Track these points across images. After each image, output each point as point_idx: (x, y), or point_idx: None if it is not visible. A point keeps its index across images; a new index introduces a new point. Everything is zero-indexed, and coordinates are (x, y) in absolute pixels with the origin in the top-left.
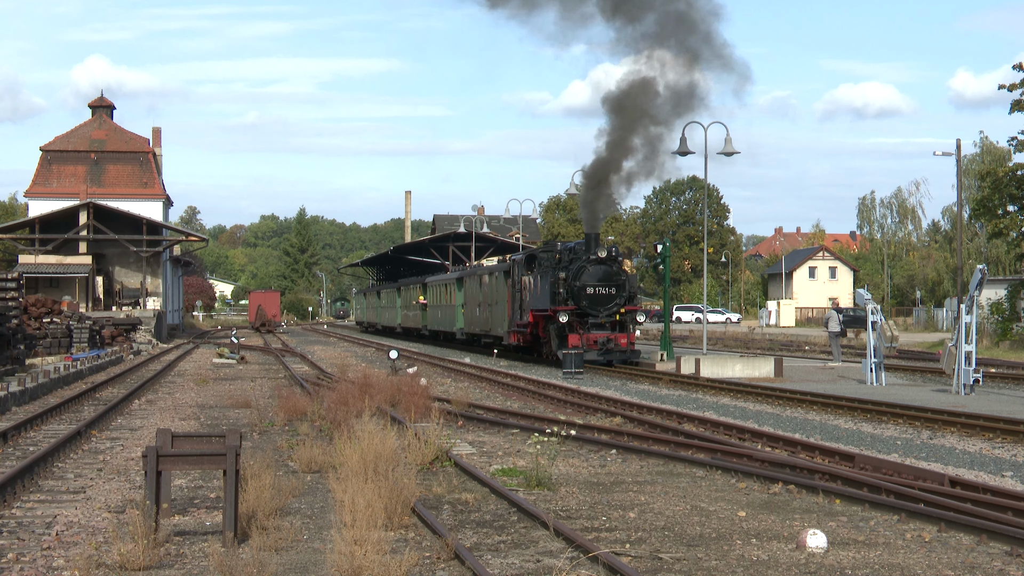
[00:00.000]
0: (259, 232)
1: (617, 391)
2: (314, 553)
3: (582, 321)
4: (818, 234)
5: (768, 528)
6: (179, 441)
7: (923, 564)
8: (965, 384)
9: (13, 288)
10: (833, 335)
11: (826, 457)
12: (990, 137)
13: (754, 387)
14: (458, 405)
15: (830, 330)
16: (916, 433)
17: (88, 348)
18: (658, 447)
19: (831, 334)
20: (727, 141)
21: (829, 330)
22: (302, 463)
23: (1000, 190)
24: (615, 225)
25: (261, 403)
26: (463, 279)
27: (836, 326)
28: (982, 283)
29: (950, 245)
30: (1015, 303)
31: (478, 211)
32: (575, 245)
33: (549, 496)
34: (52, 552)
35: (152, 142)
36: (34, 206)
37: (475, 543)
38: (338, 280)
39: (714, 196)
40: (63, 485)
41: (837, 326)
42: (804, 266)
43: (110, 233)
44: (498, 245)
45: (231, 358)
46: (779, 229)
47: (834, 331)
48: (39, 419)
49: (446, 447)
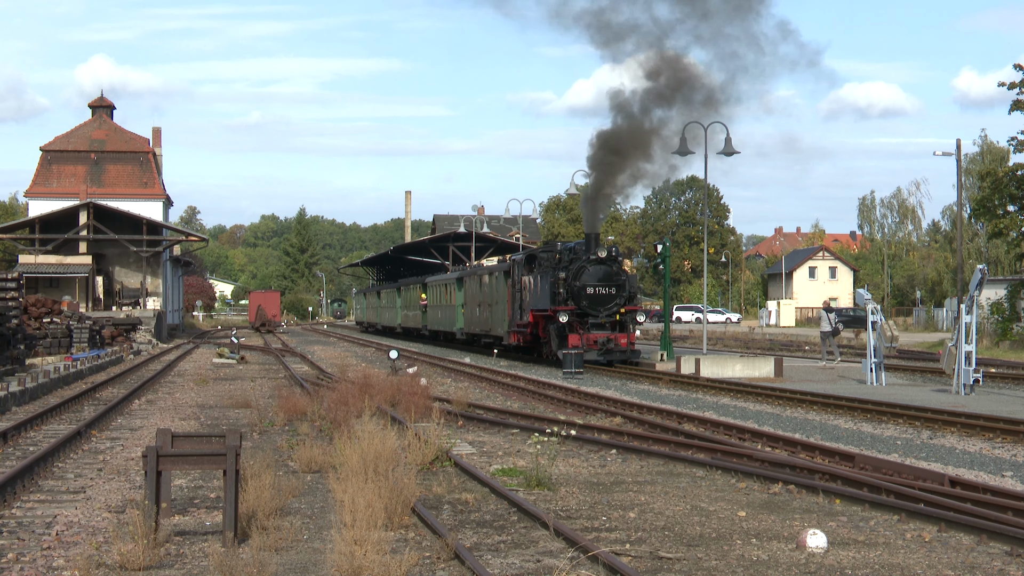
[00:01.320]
0: (259, 232)
1: (617, 391)
2: (314, 553)
3: (582, 321)
4: (818, 234)
5: (768, 528)
6: (179, 441)
7: (923, 564)
8: (965, 384)
9: (13, 288)
10: (824, 335)
11: (826, 457)
12: (991, 137)
13: (754, 387)
14: (458, 405)
15: (821, 330)
16: (916, 433)
17: (88, 348)
18: (658, 447)
19: (823, 334)
20: (727, 141)
21: (820, 330)
22: (302, 463)
23: (1000, 190)
24: (615, 225)
25: (261, 403)
26: (463, 279)
27: (827, 326)
28: (982, 283)
29: (950, 245)
30: (1015, 303)
31: (478, 211)
32: (575, 245)
33: (549, 496)
34: (52, 552)
35: (152, 142)
36: (34, 206)
37: (475, 543)
38: (338, 280)
39: (714, 196)
40: (63, 485)
41: (828, 326)
42: (804, 266)
43: (110, 233)
44: (498, 245)
45: (231, 358)
46: (779, 229)
47: (825, 331)
48: (39, 419)
49: (446, 447)
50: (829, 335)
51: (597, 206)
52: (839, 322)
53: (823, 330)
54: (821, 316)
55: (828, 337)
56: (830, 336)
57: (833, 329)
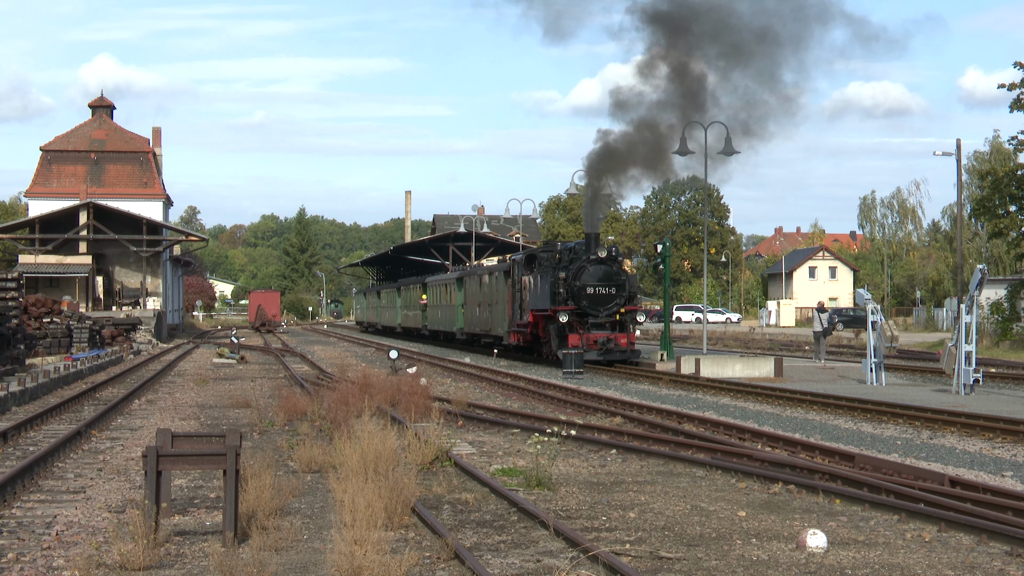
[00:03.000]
0: (259, 232)
1: (617, 391)
2: (314, 553)
3: (582, 321)
4: (817, 234)
5: (768, 528)
6: (179, 441)
7: (923, 564)
8: (965, 384)
9: (13, 288)
10: (817, 335)
11: (826, 457)
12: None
13: (754, 387)
14: (458, 405)
15: (814, 330)
16: (916, 433)
17: (88, 348)
18: (658, 447)
19: (815, 333)
20: (727, 141)
21: (813, 330)
22: (302, 463)
23: (1000, 190)
24: (615, 225)
25: (261, 403)
26: (463, 279)
27: (819, 326)
28: (982, 283)
29: (950, 245)
30: (1015, 303)
31: (478, 211)
32: (575, 245)
33: (549, 496)
34: (52, 552)
35: (152, 142)
36: (34, 206)
37: (475, 543)
38: (338, 280)
39: (714, 196)
40: (63, 485)
41: (819, 326)
42: (804, 266)
43: (110, 233)
44: (498, 245)
45: (231, 358)
46: (779, 229)
47: (817, 331)
48: (39, 419)
49: (446, 447)
50: (822, 335)
51: (597, 206)
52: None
53: (815, 330)
54: (814, 316)
55: (821, 337)
56: (823, 336)
57: (825, 329)
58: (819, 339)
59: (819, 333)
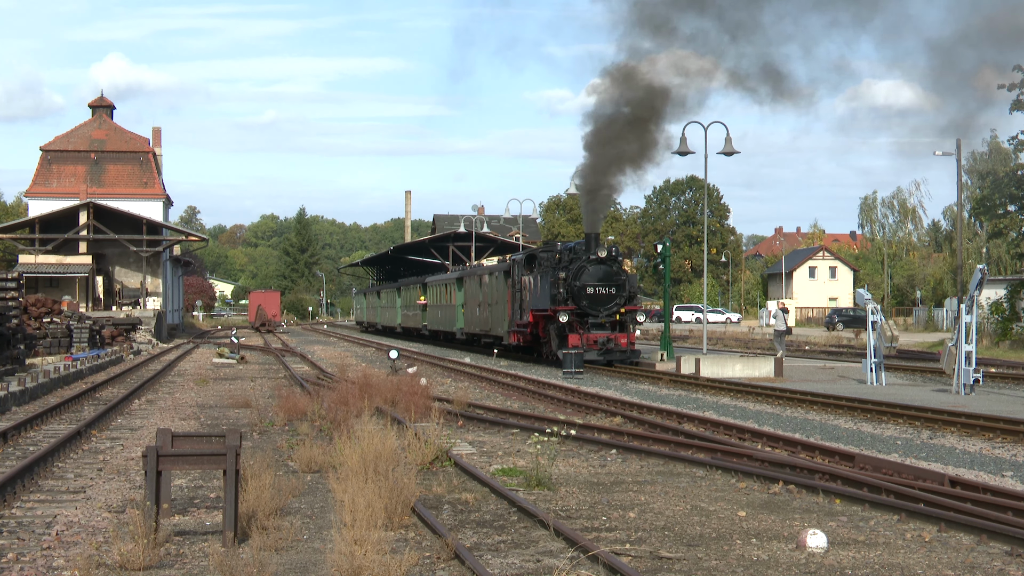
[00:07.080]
0: (259, 232)
1: (617, 391)
2: (314, 553)
3: (582, 321)
4: (817, 234)
5: (768, 528)
6: (179, 441)
7: (923, 564)
8: (965, 384)
9: (13, 288)
10: (779, 333)
11: (826, 457)
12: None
13: (754, 387)
14: (458, 405)
15: (776, 328)
16: (916, 433)
17: (88, 348)
18: (658, 447)
19: (776, 332)
20: (727, 141)
21: (775, 328)
22: (302, 463)
23: (1000, 190)
24: (615, 225)
25: (261, 403)
26: (463, 279)
27: (782, 325)
28: (982, 283)
29: (950, 245)
30: (1015, 303)
31: (478, 211)
32: (575, 245)
33: (549, 496)
34: (52, 552)
35: (152, 142)
36: (34, 206)
37: (475, 543)
38: (338, 280)
39: (714, 196)
40: (63, 485)
41: (783, 325)
42: (804, 266)
43: (110, 233)
44: (498, 245)
45: (231, 358)
46: (779, 229)
47: (779, 330)
48: (39, 419)
49: (446, 447)
50: (783, 333)
51: (597, 205)
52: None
53: (777, 328)
54: (778, 315)
55: (783, 335)
56: (784, 335)
57: (788, 329)
58: (780, 336)
59: (781, 332)
